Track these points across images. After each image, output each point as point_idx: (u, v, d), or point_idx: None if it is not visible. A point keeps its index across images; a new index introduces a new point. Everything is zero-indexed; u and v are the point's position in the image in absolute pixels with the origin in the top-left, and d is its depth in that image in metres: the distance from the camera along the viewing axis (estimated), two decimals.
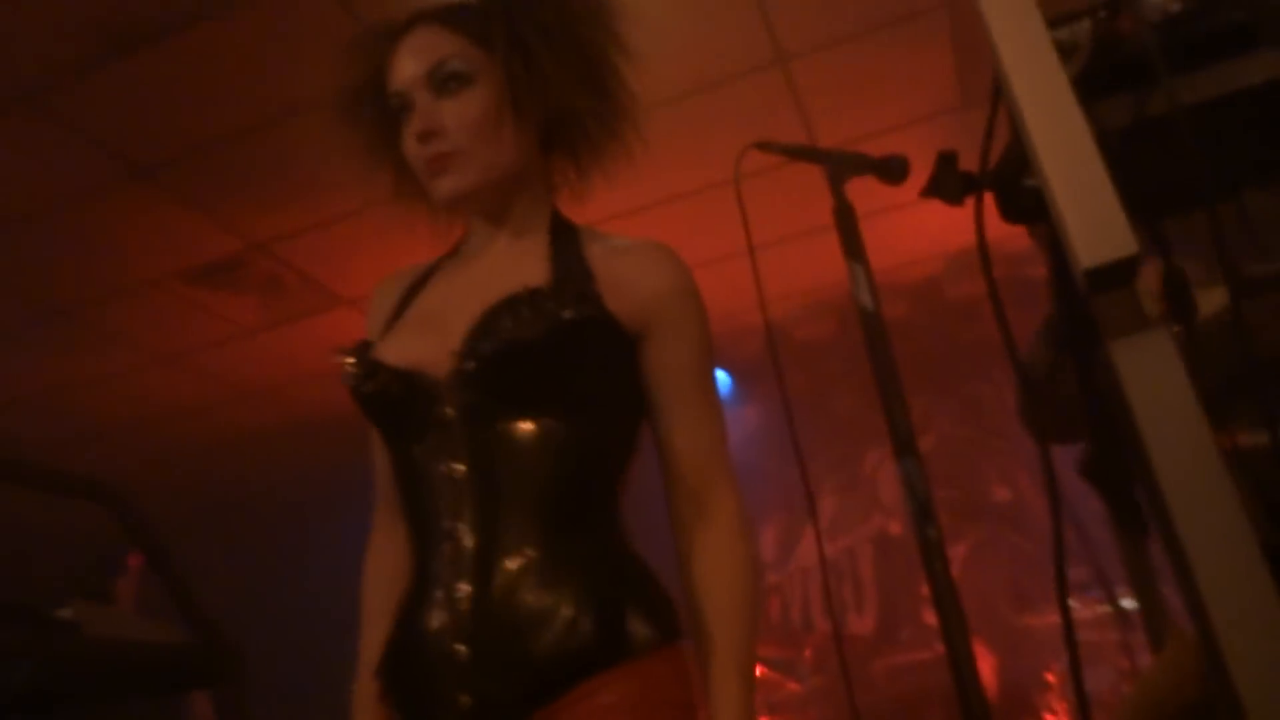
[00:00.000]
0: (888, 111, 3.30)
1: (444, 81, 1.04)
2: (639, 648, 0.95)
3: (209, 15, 2.61)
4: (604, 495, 1.04)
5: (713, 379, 1.09)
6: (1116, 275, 0.54)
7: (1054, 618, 3.54)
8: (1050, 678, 3.28)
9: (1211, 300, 0.66)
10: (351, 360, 1.01)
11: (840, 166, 1.39)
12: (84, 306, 3.74)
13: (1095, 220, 0.55)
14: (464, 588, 0.95)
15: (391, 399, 1.01)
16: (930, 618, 3.77)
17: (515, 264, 1.06)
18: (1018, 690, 3.37)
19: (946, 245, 4.08)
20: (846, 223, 1.35)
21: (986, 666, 3.37)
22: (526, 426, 0.99)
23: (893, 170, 1.33)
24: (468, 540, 0.97)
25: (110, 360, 4.08)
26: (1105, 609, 3.08)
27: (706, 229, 3.69)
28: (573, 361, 1.00)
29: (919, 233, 3.93)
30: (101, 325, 3.85)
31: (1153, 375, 0.50)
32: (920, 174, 1.09)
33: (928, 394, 4.40)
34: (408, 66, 1.06)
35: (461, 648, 0.93)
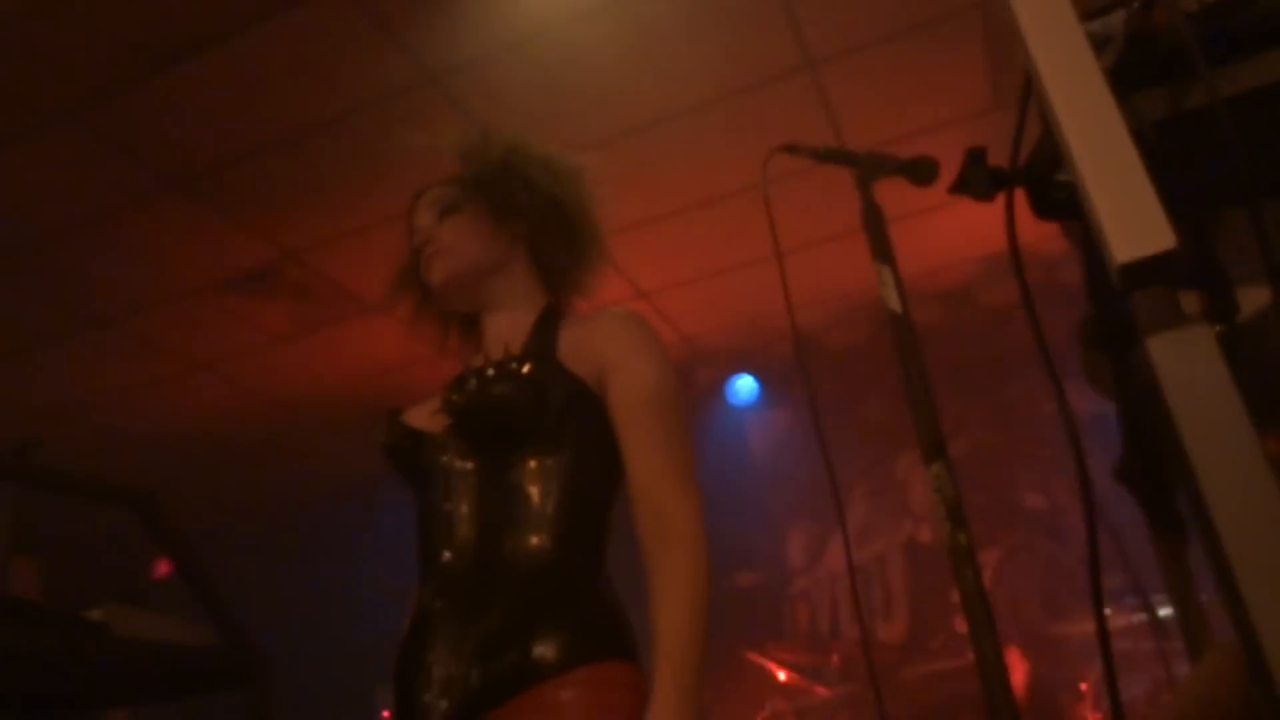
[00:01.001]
0: (919, 114, 3.27)
1: (442, 212, 1.35)
2: (590, 658, 1.07)
3: (242, 31, 2.66)
4: (581, 523, 1.18)
5: (670, 410, 1.22)
6: (1154, 270, 0.53)
7: (1088, 626, 3.47)
8: (1084, 686, 3.21)
9: (1253, 299, 0.64)
10: (382, 420, 1.30)
11: (868, 168, 1.38)
12: (122, 316, 3.80)
13: (1131, 213, 0.53)
14: (445, 608, 1.12)
15: (403, 451, 1.25)
16: (962, 625, 3.72)
17: (499, 347, 1.26)
18: (1051, 698, 3.31)
19: (979, 250, 4.03)
20: (875, 225, 1.34)
21: (1019, 674, 3.30)
22: (506, 467, 1.17)
23: (922, 171, 1.31)
24: (453, 568, 1.14)
25: (147, 368, 4.14)
26: (1140, 617, 3.01)
27: (737, 234, 3.68)
28: (535, 411, 1.17)
29: (952, 237, 3.88)
30: (138, 334, 3.92)
31: (1193, 374, 0.48)
32: (951, 176, 1.08)
33: (960, 399, 4.34)
34: (421, 211, 1.38)
35: (438, 659, 1.09)
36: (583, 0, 2.70)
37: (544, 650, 1.06)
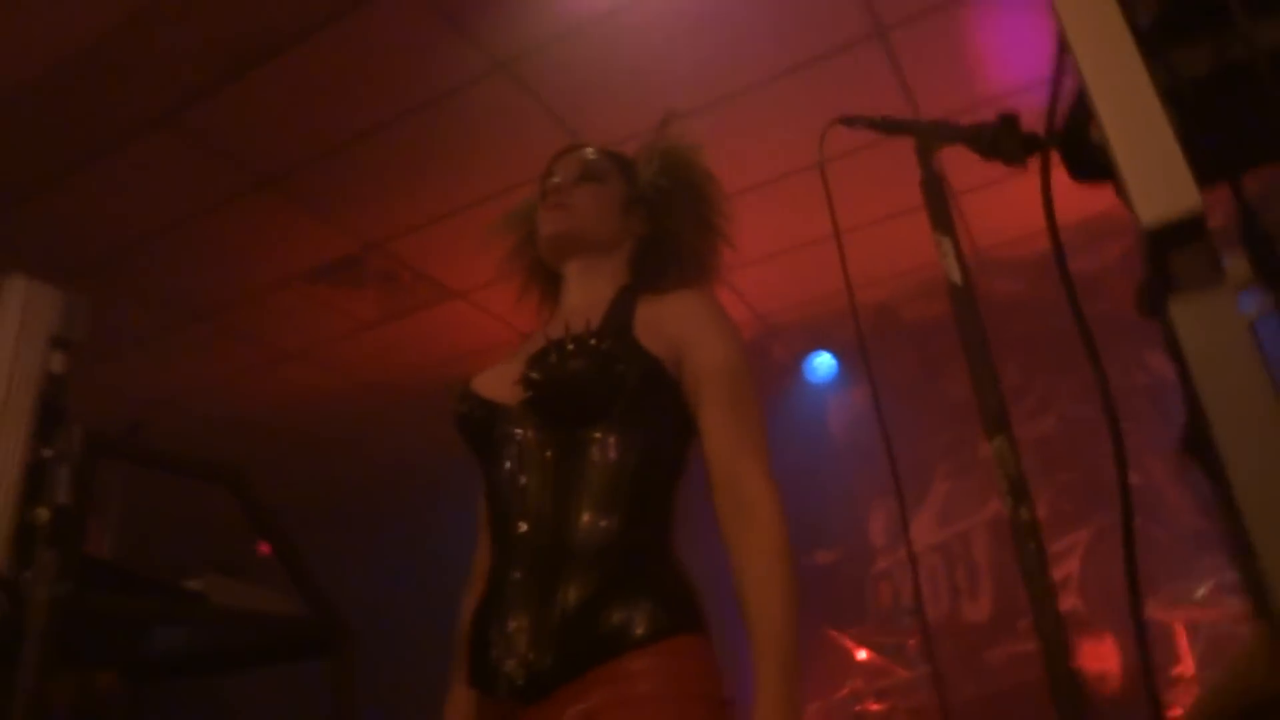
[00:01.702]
0: (995, 79, 3.16)
1: (584, 175, 1.38)
2: (666, 633, 1.09)
3: (318, 30, 2.76)
4: (653, 500, 1.19)
5: (746, 390, 1.22)
6: (1181, 233, 0.51)
7: (1186, 610, 3.33)
8: (1175, 672, 3.08)
9: None
10: (455, 391, 1.30)
11: (928, 137, 1.35)
12: (217, 311, 4.02)
13: (1155, 174, 0.52)
14: (523, 579, 1.14)
15: (476, 420, 1.26)
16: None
17: (580, 319, 1.26)
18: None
19: (1066, 218, 3.87)
20: (935, 195, 1.31)
21: (1113, 663, 3.19)
22: (581, 443, 1.18)
23: (983, 139, 1.28)
24: (530, 540, 1.15)
25: (242, 358, 4.37)
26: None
27: (808, 209, 3.63)
28: (612, 386, 1.18)
29: (1033, 204, 3.74)
30: (233, 327, 4.13)
31: (1212, 339, 0.47)
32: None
33: (1049, 373, 4.19)
34: (567, 164, 1.41)
35: (521, 628, 1.11)
36: None
37: (621, 624, 1.08)
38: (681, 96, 3.11)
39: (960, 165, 1.19)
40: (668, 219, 1.41)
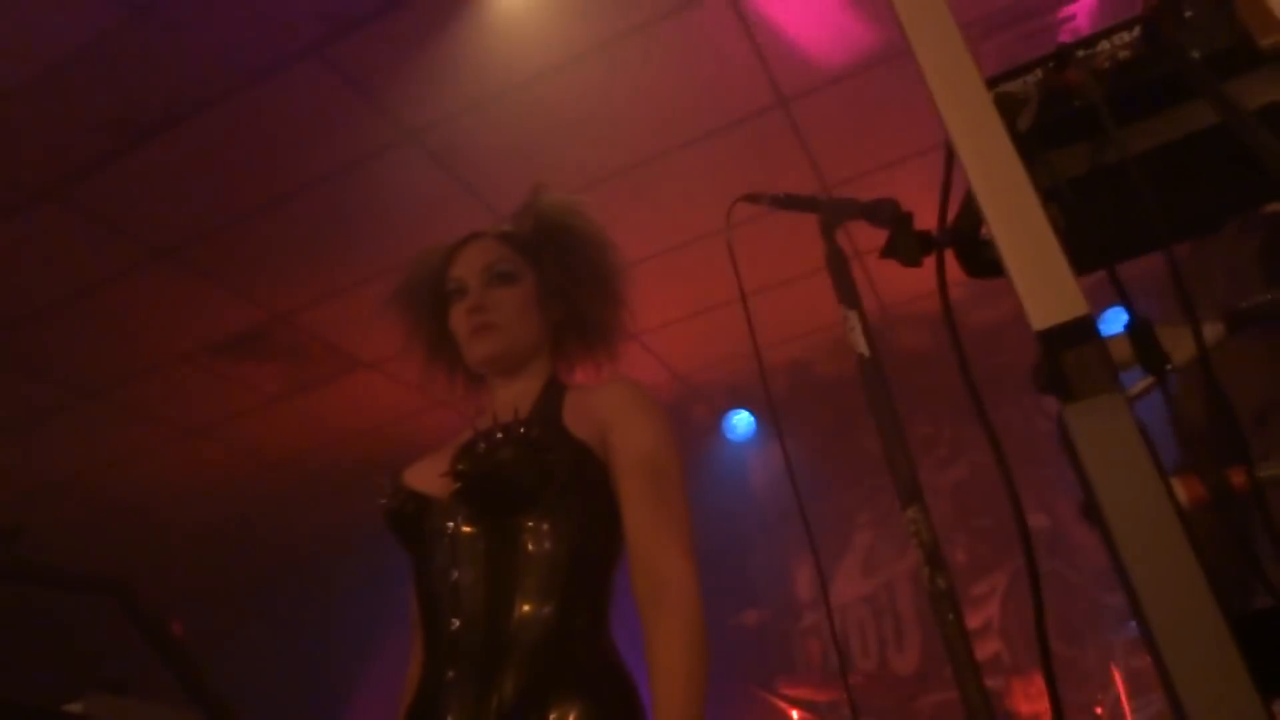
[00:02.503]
0: (893, 145, 3.30)
1: (495, 277, 1.35)
2: None
3: (216, 101, 2.70)
4: (589, 586, 1.18)
5: (668, 474, 1.22)
6: (1070, 334, 0.53)
7: (1100, 646, 3.43)
8: (1100, 710, 3.16)
9: (1186, 345, 0.64)
10: (381, 483, 1.28)
11: (830, 213, 1.40)
12: (112, 386, 3.82)
13: (1045, 282, 0.54)
14: (457, 678, 1.10)
15: (406, 515, 1.24)
16: (978, 651, 3.64)
17: (508, 410, 1.26)
18: None
19: (963, 274, 4.04)
20: (840, 269, 1.35)
21: (1042, 699, 3.25)
22: (513, 532, 1.17)
23: (881, 214, 1.32)
24: (463, 637, 1.13)
25: (140, 437, 4.15)
26: None
27: (721, 271, 3.69)
28: (542, 473, 1.18)
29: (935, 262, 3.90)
30: (130, 404, 3.93)
31: (1105, 440, 0.49)
32: (918, 209, 1.08)
33: (957, 423, 4.33)
34: (469, 262, 1.36)
35: None
36: (552, 54, 2.75)
37: None
38: (592, 165, 3.15)
39: (864, 227, 1.24)
40: (579, 291, 1.39)
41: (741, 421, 4.59)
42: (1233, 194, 0.69)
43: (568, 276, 1.37)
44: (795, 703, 3.66)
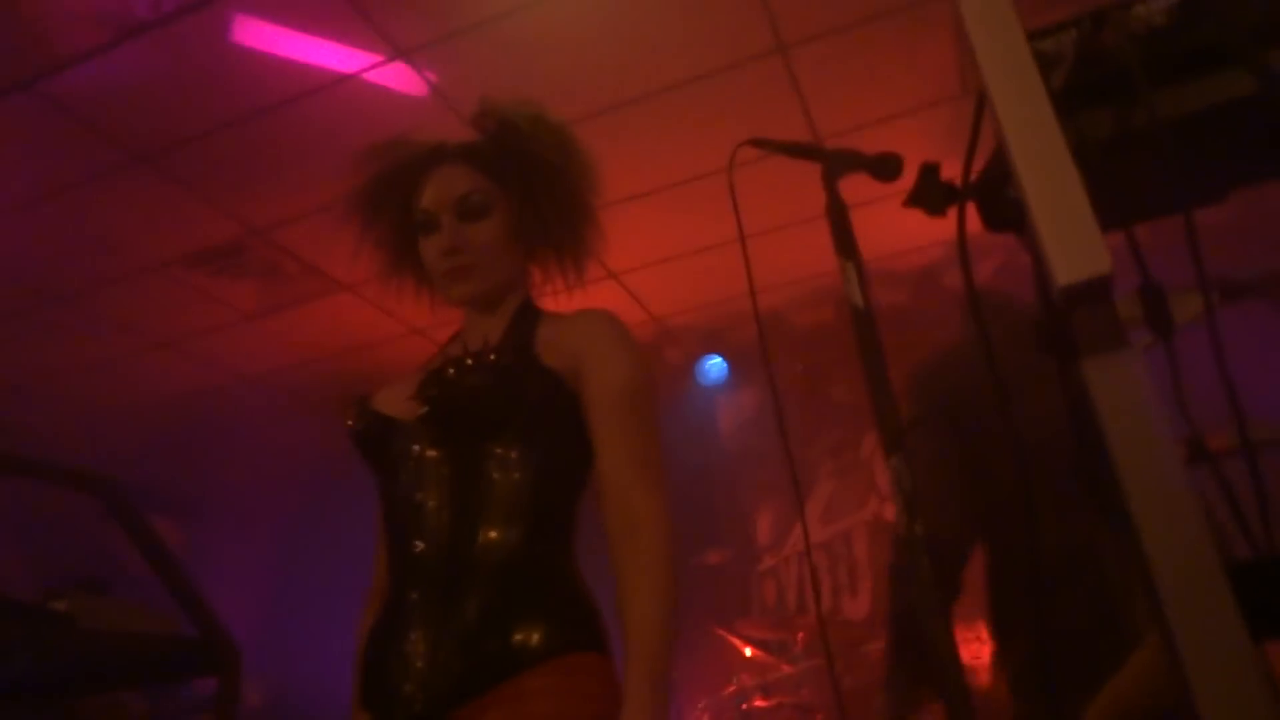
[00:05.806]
0: (889, 99, 3.29)
1: (468, 210, 1.29)
2: (561, 650, 1.09)
3: (205, 4, 2.60)
4: (554, 515, 1.19)
5: (642, 406, 1.22)
6: (1092, 291, 0.55)
7: None
8: None
9: (1191, 306, 0.67)
10: (349, 405, 1.28)
11: (834, 164, 1.39)
12: (84, 293, 3.74)
13: (1071, 238, 0.55)
14: (421, 599, 1.12)
15: (372, 436, 1.24)
16: None
17: (481, 337, 1.26)
18: None
19: (945, 233, 4.07)
20: (840, 220, 1.36)
21: (986, 649, 3.37)
22: (479, 458, 1.17)
23: (886, 168, 1.33)
24: (427, 558, 1.14)
25: (110, 346, 4.08)
26: None
27: (706, 215, 3.69)
28: (510, 400, 1.18)
29: (918, 220, 3.90)
30: (101, 311, 3.86)
31: (1121, 395, 0.51)
32: (915, 165, 1.09)
33: None
34: (439, 192, 1.30)
35: (416, 651, 1.09)
36: None
37: (520, 641, 1.08)
38: (586, 97, 3.10)
39: (844, 184, 1.24)
40: (548, 215, 1.33)
41: (715, 366, 4.64)
42: (1259, 164, 0.71)
43: (543, 203, 1.32)
44: (750, 640, 3.77)
